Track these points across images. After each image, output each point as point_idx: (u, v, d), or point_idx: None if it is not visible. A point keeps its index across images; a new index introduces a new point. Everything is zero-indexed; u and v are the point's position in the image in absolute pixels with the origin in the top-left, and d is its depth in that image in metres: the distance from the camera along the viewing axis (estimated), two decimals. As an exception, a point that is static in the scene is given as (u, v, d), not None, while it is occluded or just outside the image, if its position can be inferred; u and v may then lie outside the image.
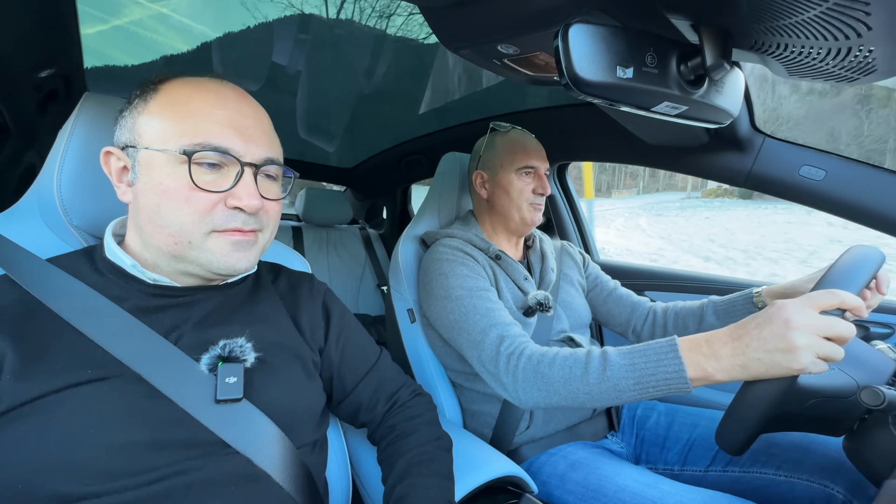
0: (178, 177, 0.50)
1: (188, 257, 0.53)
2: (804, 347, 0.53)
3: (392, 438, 0.66)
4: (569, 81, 0.47)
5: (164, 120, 0.51)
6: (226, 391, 0.51)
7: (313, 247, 2.09)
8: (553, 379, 0.69)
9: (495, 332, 0.81)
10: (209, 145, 0.51)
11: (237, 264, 0.54)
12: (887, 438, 0.57)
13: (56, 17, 0.96)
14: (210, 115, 0.52)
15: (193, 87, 0.53)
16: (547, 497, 0.83)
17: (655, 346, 0.63)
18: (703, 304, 1.00)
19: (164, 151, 0.50)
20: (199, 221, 0.51)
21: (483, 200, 1.06)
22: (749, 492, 0.79)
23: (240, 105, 0.55)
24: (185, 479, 0.47)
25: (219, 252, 0.53)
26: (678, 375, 0.59)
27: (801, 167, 0.93)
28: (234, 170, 0.53)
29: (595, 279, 1.18)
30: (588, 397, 0.67)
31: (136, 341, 0.50)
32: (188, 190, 0.50)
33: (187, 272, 0.55)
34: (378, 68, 1.32)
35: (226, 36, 1.16)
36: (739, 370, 0.57)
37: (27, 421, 0.43)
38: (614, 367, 0.65)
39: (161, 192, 0.51)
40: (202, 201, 0.51)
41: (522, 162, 1.00)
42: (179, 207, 0.50)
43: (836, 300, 0.55)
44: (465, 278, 0.90)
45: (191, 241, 0.52)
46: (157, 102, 0.53)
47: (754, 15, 0.48)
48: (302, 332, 0.64)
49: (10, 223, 0.62)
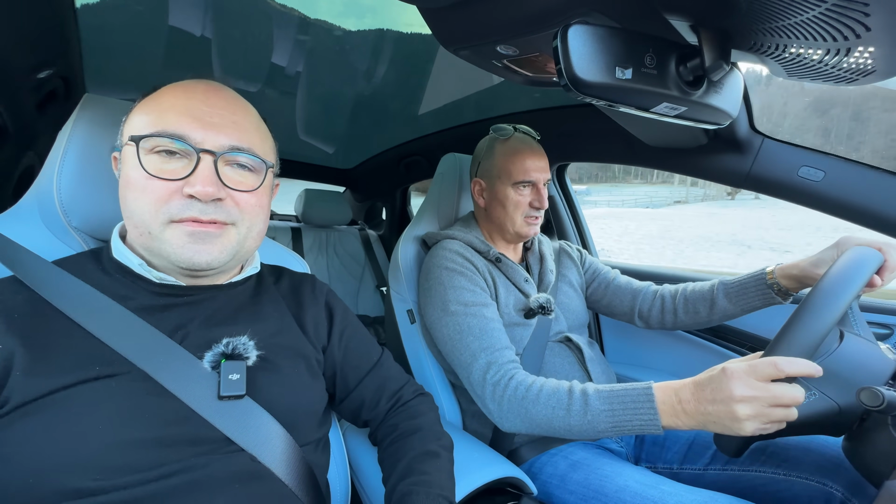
0: (137, 167, 0.51)
1: (154, 249, 0.53)
2: (748, 419, 0.57)
3: (394, 437, 0.67)
4: (568, 82, 0.47)
5: (136, 117, 0.54)
6: (228, 387, 0.51)
7: (313, 248, 2.09)
8: (536, 415, 0.74)
9: (484, 357, 0.83)
10: (164, 132, 0.51)
11: (194, 257, 0.52)
12: (886, 439, 0.57)
13: (55, 18, 0.96)
14: (172, 106, 0.53)
15: (171, 86, 0.55)
16: (548, 497, 0.83)
17: (634, 394, 0.68)
18: (714, 287, 1.00)
19: (129, 144, 0.52)
20: (155, 211, 0.51)
21: (481, 208, 1.06)
22: (748, 490, 0.79)
23: (207, 96, 0.55)
24: (190, 477, 0.47)
25: (176, 243, 0.52)
26: (652, 423, 0.66)
27: (799, 168, 0.94)
28: (194, 158, 0.52)
29: (594, 272, 1.17)
30: (567, 432, 0.72)
31: (142, 339, 0.50)
32: (144, 179, 0.51)
33: (169, 268, 0.56)
34: (378, 69, 1.32)
35: (226, 37, 1.16)
36: (702, 427, 0.63)
37: (36, 417, 0.44)
38: (594, 411, 0.70)
39: (125, 183, 0.53)
40: (157, 189, 0.51)
41: (520, 176, 0.97)
42: (138, 197, 0.51)
43: (778, 373, 0.58)
44: (463, 291, 0.90)
45: (150, 232, 0.52)
46: (139, 105, 0.56)
47: (753, 16, 0.48)
48: (305, 331, 0.64)
49: (10, 225, 0.62)
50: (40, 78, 1.08)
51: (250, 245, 0.59)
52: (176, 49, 1.20)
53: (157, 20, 1.07)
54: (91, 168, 0.63)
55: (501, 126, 1.03)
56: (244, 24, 1.11)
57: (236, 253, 0.57)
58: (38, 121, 1.20)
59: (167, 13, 1.05)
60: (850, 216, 0.90)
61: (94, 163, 0.63)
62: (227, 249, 0.55)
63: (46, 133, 1.26)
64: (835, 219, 0.93)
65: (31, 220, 0.63)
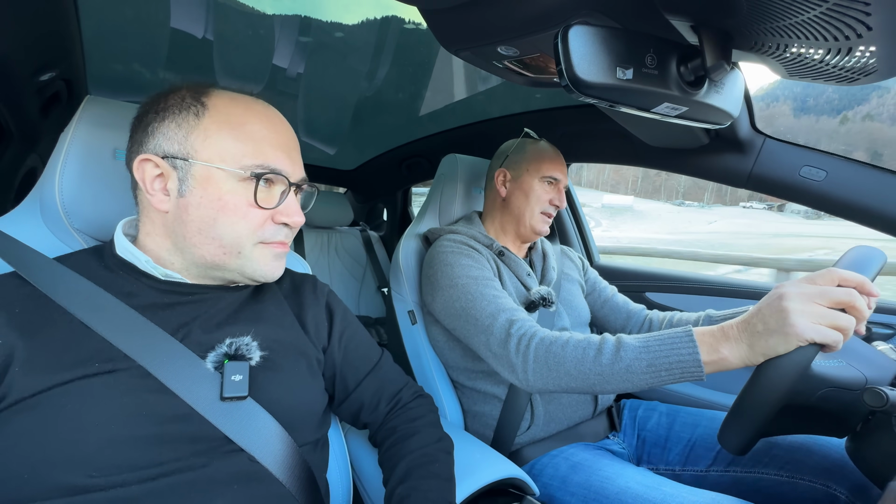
0: (239, 194, 0.54)
1: (231, 266, 0.57)
2: (799, 312, 0.53)
3: (394, 440, 0.67)
4: (569, 83, 0.47)
5: (223, 139, 0.54)
6: (231, 389, 0.51)
7: (314, 249, 2.09)
8: (565, 360, 0.69)
9: (504, 316, 0.81)
10: (268, 167, 0.55)
11: (276, 272, 0.60)
12: (890, 440, 0.56)
13: (58, 21, 0.96)
14: (265, 138, 0.56)
15: (244, 107, 0.57)
16: (549, 499, 0.83)
17: (670, 331, 0.64)
18: (700, 319, 1.00)
19: (225, 170, 0.54)
20: (251, 235, 0.56)
21: (499, 198, 1.07)
22: (751, 492, 0.79)
23: (286, 128, 0.60)
24: (189, 476, 0.47)
25: (262, 262, 0.58)
26: (692, 358, 0.59)
27: (801, 168, 0.93)
28: (281, 188, 0.58)
29: (593, 284, 1.18)
30: (600, 379, 0.66)
31: (144, 337, 0.50)
32: (247, 206, 0.55)
33: (214, 276, 0.58)
34: (379, 70, 1.33)
35: (227, 38, 1.16)
36: (747, 350, 0.57)
37: (34, 413, 0.44)
38: (628, 348, 0.64)
39: (220, 206, 0.54)
40: (258, 217, 0.56)
41: (549, 171, 1.02)
42: (237, 222, 0.55)
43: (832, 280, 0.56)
44: (469, 268, 0.91)
45: (241, 252, 0.56)
46: (211, 120, 0.55)
47: (754, 16, 0.48)
48: (306, 330, 0.65)
49: (12, 226, 0.62)
50: (43, 81, 1.08)
51: None
52: (178, 51, 1.20)
53: (159, 22, 1.08)
54: (93, 169, 0.63)
55: (531, 132, 1.11)
56: (246, 26, 1.11)
57: None
58: (41, 123, 1.20)
59: (169, 15, 1.05)
60: (852, 216, 0.90)
61: (95, 164, 0.63)
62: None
63: (49, 135, 1.27)
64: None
65: (33, 221, 0.63)
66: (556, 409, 0.93)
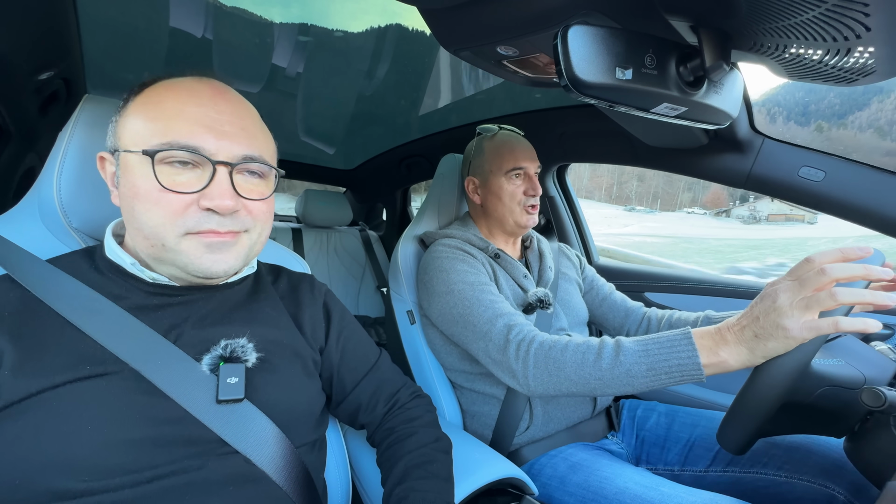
0: (149, 178, 0.49)
1: (165, 259, 0.52)
2: (788, 314, 0.54)
3: (391, 441, 0.66)
4: (568, 83, 0.47)
5: (138, 121, 0.51)
6: (227, 391, 0.51)
7: (313, 248, 2.09)
8: (565, 364, 0.69)
9: (502, 321, 0.81)
10: (176, 144, 0.49)
11: (213, 267, 0.53)
12: (888, 440, 0.56)
13: (57, 20, 0.96)
14: (180, 112, 0.51)
15: (170, 86, 0.53)
16: (548, 499, 0.83)
17: (669, 334, 0.64)
18: (699, 319, 0.99)
19: (136, 153, 0.50)
20: (170, 224, 0.50)
21: (477, 205, 1.07)
22: (749, 492, 0.79)
23: (215, 101, 0.53)
24: (184, 479, 0.47)
25: (192, 254, 0.51)
26: (691, 361, 0.60)
27: (800, 168, 0.93)
28: (209, 169, 0.51)
29: (591, 283, 1.18)
30: (600, 383, 0.66)
31: (135, 339, 0.50)
32: (157, 192, 0.49)
33: (173, 274, 0.55)
34: (378, 70, 1.33)
35: (227, 38, 1.16)
36: (748, 354, 0.58)
37: (25, 417, 0.43)
38: (627, 352, 0.65)
39: (133, 194, 0.50)
40: (172, 203, 0.50)
41: (510, 164, 0.99)
42: (150, 209, 0.50)
43: (818, 265, 0.56)
44: (465, 273, 0.90)
45: (164, 244, 0.51)
46: (134, 104, 0.53)
47: (753, 16, 0.48)
48: (303, 331, 0.64)
49: (10, 225, 0.62)
50: (42, 79, 1.08)
51: (258, 249, 0.60)
52: (177, 50, 1.20)
53: (159, 21, 1.08)
54: (91, 168, 0.63)
55: (487, 126, 1.07)
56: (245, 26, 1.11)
57: (247, 257, 0.58)
58: (40, 122, 1.20)
59: (168, 14, 1.05)
60: (851, 216, 0.90)
61: (94, 164, 0.63)
62: (240, 256, 0.56)
63: (48, 134, 1.27)
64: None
65: (31, 220, 0.63)
66: (555, 409, 0.93)
